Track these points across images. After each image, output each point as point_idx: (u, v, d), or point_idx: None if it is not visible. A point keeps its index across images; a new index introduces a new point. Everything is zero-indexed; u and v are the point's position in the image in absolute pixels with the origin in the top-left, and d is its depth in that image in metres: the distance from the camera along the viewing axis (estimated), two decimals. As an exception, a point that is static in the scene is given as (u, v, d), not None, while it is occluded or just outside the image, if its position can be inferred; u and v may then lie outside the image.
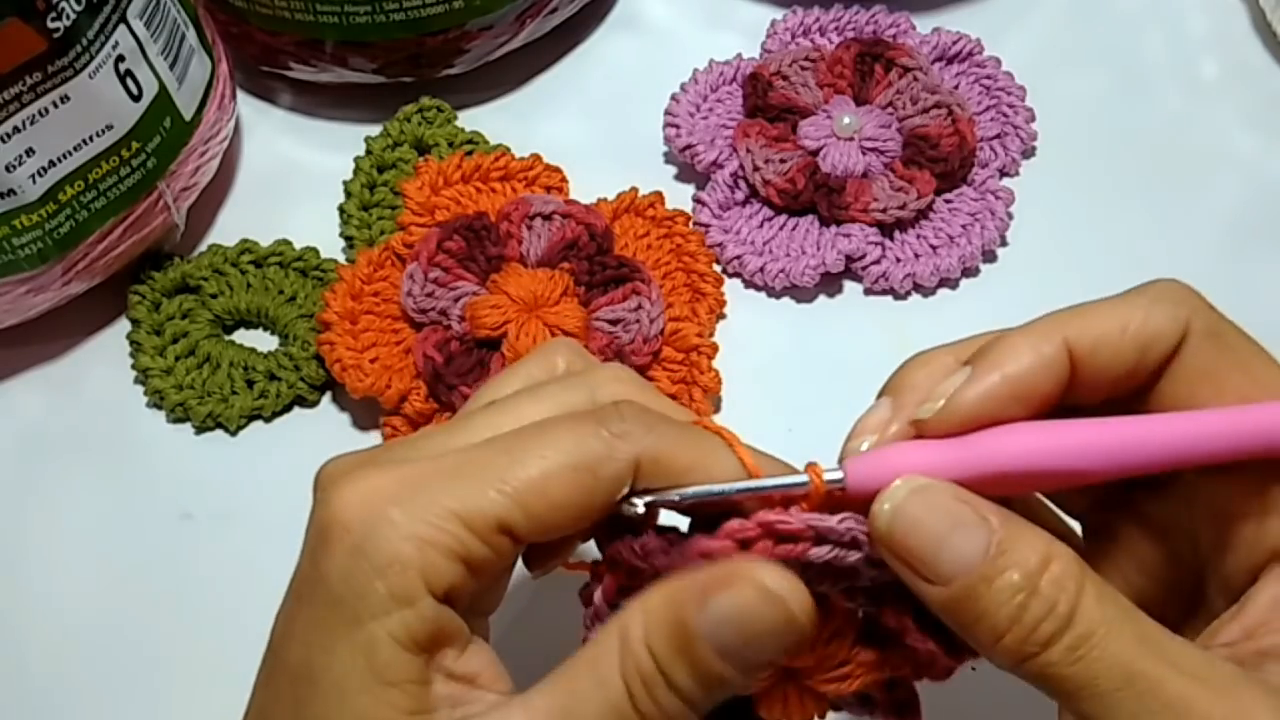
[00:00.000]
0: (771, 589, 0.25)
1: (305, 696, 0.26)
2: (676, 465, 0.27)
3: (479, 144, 0.52)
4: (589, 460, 0.26)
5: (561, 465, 0.26)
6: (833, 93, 0.52)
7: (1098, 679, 0.25)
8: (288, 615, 0.27)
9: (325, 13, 0.50)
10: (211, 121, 0.48)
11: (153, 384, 0.47)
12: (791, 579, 0.25)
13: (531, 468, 0.26)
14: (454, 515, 0.25)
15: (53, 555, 0.44)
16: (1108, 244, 0.51)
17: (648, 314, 0.46)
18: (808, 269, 0.48)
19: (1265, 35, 0.56)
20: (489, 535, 0.26)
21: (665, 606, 0.25)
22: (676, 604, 0.25)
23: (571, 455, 0.26)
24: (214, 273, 0.49)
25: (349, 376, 0.45)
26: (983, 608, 0.25)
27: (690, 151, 0.51)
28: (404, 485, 0.26)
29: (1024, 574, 0.25)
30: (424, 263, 0.46)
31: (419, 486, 0.26)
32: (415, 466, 0.26)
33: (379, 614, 0.25)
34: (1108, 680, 0.25)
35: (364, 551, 0.25)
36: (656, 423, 0.27)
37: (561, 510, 0.26)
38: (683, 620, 0.25)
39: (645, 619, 0.25)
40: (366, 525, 0.25)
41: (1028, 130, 0.52)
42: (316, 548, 0.26)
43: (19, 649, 0.42)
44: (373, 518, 0.25)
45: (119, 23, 0.43)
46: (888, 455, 0.27)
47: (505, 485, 0.26)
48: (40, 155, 0.42)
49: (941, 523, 0.26)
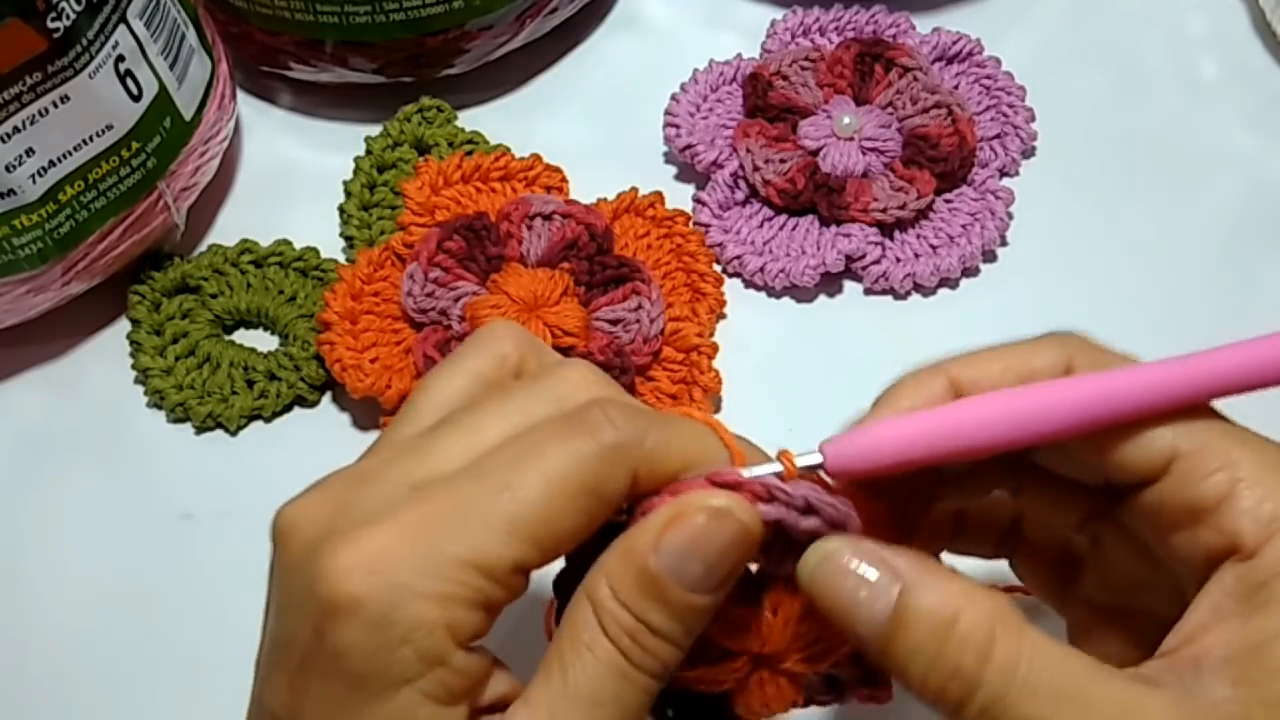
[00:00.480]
0: (715, 506, 0.26)
1: None
2: (671, 468, 0.27)
3: (479, 144, 0.52)
4: (591, 484, 0.26)
5: (566, 494, 0.26)
6: (833, 93, 0.52)
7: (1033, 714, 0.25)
8: (291, 688, 0.26)
9: (325, 13, 0.50)
10: (211, 121, 0.48)
11: (153, 384, 0.47)
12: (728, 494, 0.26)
13: (536, 503, 0.25)
14: (468, 565, 0.25)
15: (53, 555, 0.44)
16: (1108, 244, 0.51)
17: (648, 314, 0.46)
18: (808, 269, 0.48)
19: (1265, 35, 0.56)
20: (506, 578, 0.25)
21: (624, 560, 0.26)
22: (633, 554, 0.26)
23: (572, 481, 0.26)
24: (214, 273, 0.49)
25: (349, 376, 0.45)
26: (897, 667, 0.26)
27: (690, 151, 0.51)
28: (407, 542, 0.25)
29: (928, 632, 0.25)
30: (424, 263, 0.46)
31: (422, 539, 0.25)
32: (410, 516, 0.25)
33: (411, 678, 0.25)
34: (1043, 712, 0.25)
35: (384, 625, 0.24)
36: (645, 424, 0.27)
37: (571, 537, 0.26)
38: (644, 567, 0.26)
39: (609, 579, 0.26)
40: (381, 596, 0.24)
41: (1028, 130, 0.52)
42: (323, 625, 0.25)
43: (19, 648, 0.42)
44: (385, 587, 0.24)
45: (119, 23, 0.43)
46: (861, 436, 0.28)
47: (514, 526, 0.25)
48: (40, 155, 0.42)
49: (848, 586, 0.26)
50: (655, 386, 0.46)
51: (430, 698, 0.25)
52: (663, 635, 0.26)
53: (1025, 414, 0.28)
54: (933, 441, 0.28)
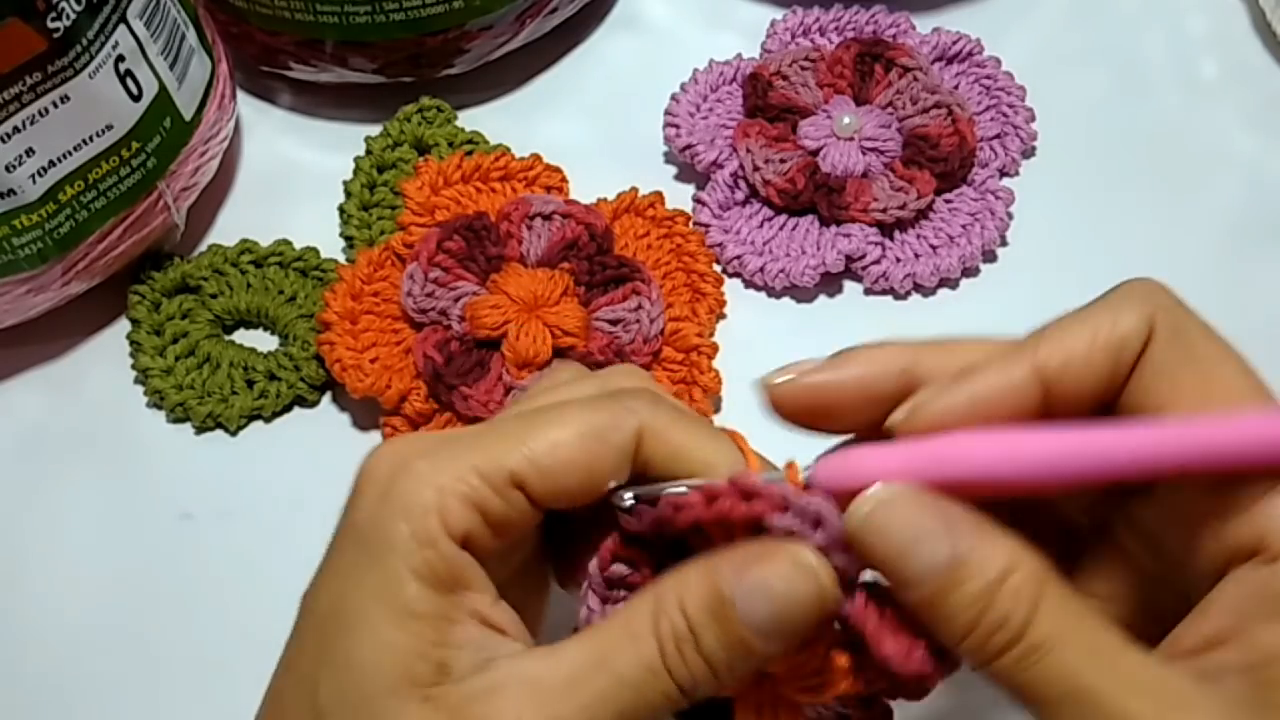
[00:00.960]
0: (804, 563, 0.26)
1: (331, 633, 0.27)
2: (674, 440, 0.28)
3: (479, 144, 0.52)
4: (598, 428, 0.28)
5: (573, 431, 0.28)
6: (833, 93, 0.52)
7: (1046, 688, 0.25)
8: (319, 570, 0.28)
9: (325, 13, 0.50)
10: (211, 121, 0.48)
11: (153, 384, 0.47)
12: (821, 558, 0.26)
13: (546, 431, 0.28)
14: (473, 468, 0.27)
15: (53, 555, 0.44)
16: (1108, 244, 0.51)
17: (648, 314, 0.46)
18: (808, 269, 0.48)
19: (1265, 35, 0.56)
20: (503, 488, 0.27)
21: (702, 574, 0.27)
22: (713, 572, 0.27)
23: (582, 423, 0.28)
24: (214, 273, 0.49)
25: (349, 376, 0.45)
26: (944, 614, 0.26)
27: (690, 151, 0.51)
28: (431, 443, 0.28)
29: (982, 585, 0.26)
30: (424, 263, 0.46)
31: (445, 444, 0.28)
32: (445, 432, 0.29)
33: (403, 552, 0.27)
34: (1054, 690, 0.25)
35: (389, 497, 0.27)
36: (661, 404, 0.29)
37: (571, 471, 0.28)
38: (718, 587, 0.26)
39: (681, 584, 0.27)
40: (394, 475, 0.27)
41: (1028, 130, 0.52)
42: (350, 500, 0.28)
43: (19, 649, 0.42)
44: (400, 469, 0.27)
45: (119, 23, 0.43)
46: (854, 457, 0.28)
47: (521, 444, 0.28)
48: (40, 155, 0.42)
49: (907, 533, 0.26)
50: (655, 386, 0.46)
51: (417, 575, 0.27)
52: (706, 656, 0.26)
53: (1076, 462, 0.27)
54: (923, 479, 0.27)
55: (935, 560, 0.26)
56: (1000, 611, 0.26)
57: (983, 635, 0.26)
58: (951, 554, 0.26)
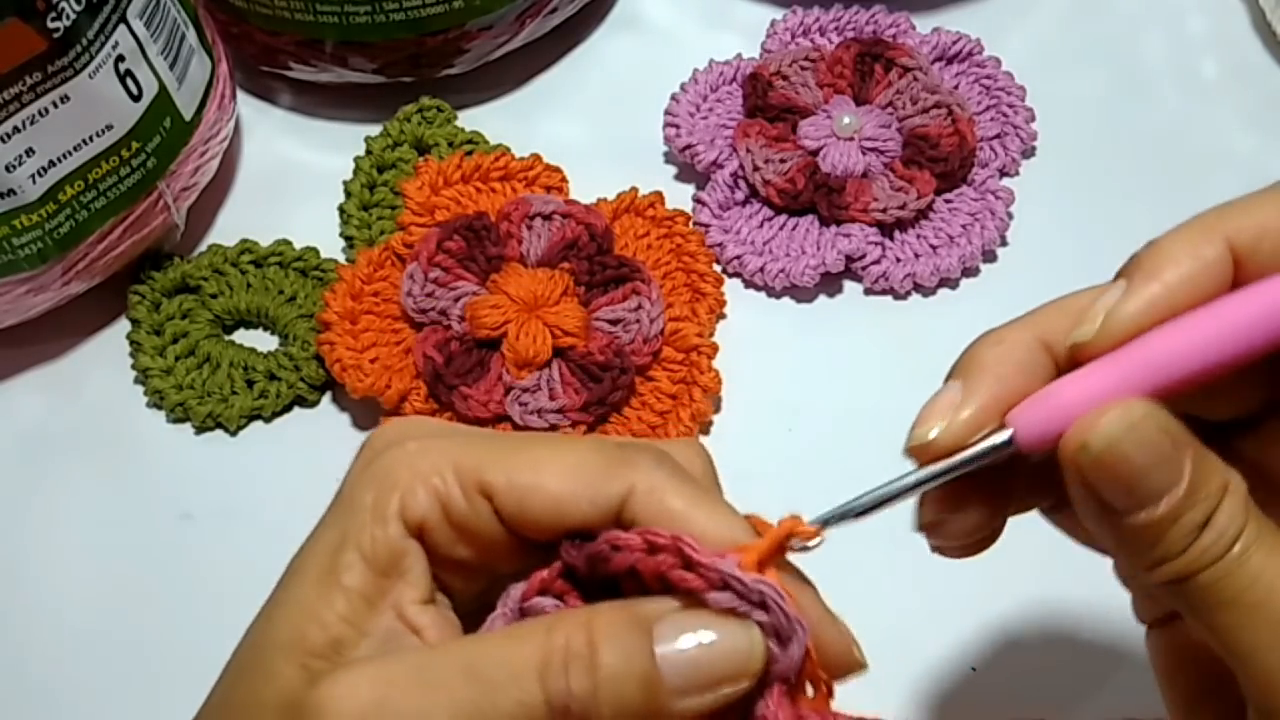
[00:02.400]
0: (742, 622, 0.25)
1: (284, 580, 0.27)
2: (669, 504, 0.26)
3: (479, 144, 0.52)
4: (587, 468, 0.27)
5: (561, 464, 0.27)
6: (833, 93, 0.52)
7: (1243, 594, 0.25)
8: None
9: (325, 13, 0.50)
10: (211, 121, 0.48)
11: (153, 384, 0.47)
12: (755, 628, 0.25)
13: (535, 453, 0.27)
14: (451, 463, 0.27)
15: (53, 555, 0.44)
16: (1108, 244, 0.50)
17: (648, 314, 0.46)
18: (808, 269, 0.48)
19: (1265, 35, 0.56)
20: (471, 492, 0.27)
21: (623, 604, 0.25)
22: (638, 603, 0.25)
23: (574, 460, 0.27)
24: (214, 273, 0.49)
25: (349, 376, 0.45)
26: (1163, 537, 0.26)
27: (690, 151, 0.51)
28: (431, 430, 0.28)
29: (1206, 511, 0.26)
30: (424, 263, 0.46)
31: (441, 436, 0.28)
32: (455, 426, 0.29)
33: (358, 522, 0.27)
34: (1251, 594, 0.25)
35: (370, 467, 0.27)
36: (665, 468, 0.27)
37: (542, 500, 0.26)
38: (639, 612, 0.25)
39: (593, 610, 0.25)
40: (384, 448, 0.27)
41: (1028, 130, 0.52)
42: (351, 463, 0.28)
43: (19, 649, 0.42)
44: (392, 444, 0.27)
45: (119, 23, 0.43)
46: (1057, 394, 0.26)
47: (505, 457, 0.27)
48: (40, 155, 0.42)
49: (1147, 458, 0.25)
50: (655, 386, 0.46)
51: (358, 546, 0.26)
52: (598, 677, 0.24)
53: None
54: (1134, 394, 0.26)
55: (1168, 487, 0.26)
56: (1217, 531, 0.26)
57: (1195, 555, 0.26)
58: (1184, 482, 0.26)
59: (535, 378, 0.45)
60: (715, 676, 0.25)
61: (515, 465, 0.27)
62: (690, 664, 0.24)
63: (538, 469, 0.27)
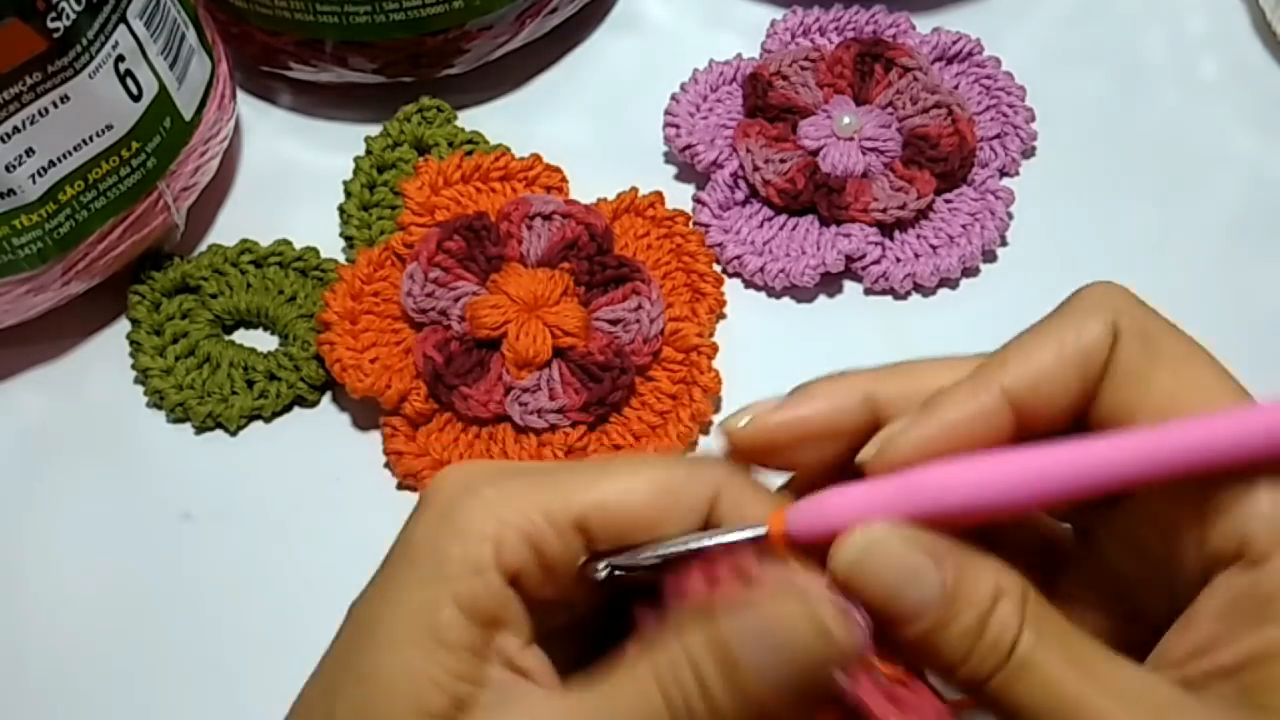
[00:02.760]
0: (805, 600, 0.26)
1: (359, 645, 0.27)
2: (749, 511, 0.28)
3: (479, 144, 0.52)
4: (672, 483, 0.28)
5: (646, 482, 0.27)
6: (833, 93, 0.52)
7: (1033, 703, 0.26)
8: (370, 582, 0.28)
9: (325, 13, 0.50)
10: (211, 121, 0.48)
11: (153, 384, 0.47)
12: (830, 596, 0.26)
13: (619, 478, 0.28)
14: (539, 506, 0.27)
15: (53, 555, 0.44)
16: (1108, 244, 0.51)
17: (648, 314, 0.46)
18: (808, 269, 0.48)
19: (1265, 35, 0.56)
20: (566, 530, 0.27)
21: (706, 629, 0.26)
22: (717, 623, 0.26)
23: (657, 476, 0.28)
24: (214, 273, 0.49)
25: (349, 376, 0.45)
26: (939, 646, 0.26)
27: (690, 151, 0.51)
28: (502, 474, 0.28)
29: (976, 616, 0.26)
30: (424, 263, 0.46)
31: (515, 476, 0.28)
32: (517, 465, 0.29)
33: (450, 577, 0.26)
34: (1041, 704, 0.25)
35: (449, 518, 0.27)
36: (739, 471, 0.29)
37: (638, 522, 0.27)
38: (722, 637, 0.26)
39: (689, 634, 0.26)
40: (459, 497, 0.27)
41: (1028, 130, 0.52)
42: (411, 516, 0.28)
43: (19, 649, 0.42)
44: (466, 492, 0.27)
45: (119, 23, 0.43)
46: (828, 502, 0.27)
47: (592, 488, 0.27)
48: (40, 155, 0.42)
49: (898, 571, 0.26)
50: (655, 386, 0.46)
51: (457, 601, 0.26)
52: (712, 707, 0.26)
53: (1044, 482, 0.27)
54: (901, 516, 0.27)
55: (930, 596, 0.26)
56: (991, 636, 0.26)
57: (975, 661, 0.26)
58: (944, 588, 0.26)
59: (535, 378, 0.45)
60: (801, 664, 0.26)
61: (601, 494, 0.27)
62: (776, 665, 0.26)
63: (625, 492, 0.27)
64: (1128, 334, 0.28)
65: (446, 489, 0.28)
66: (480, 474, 0.28)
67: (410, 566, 0.27)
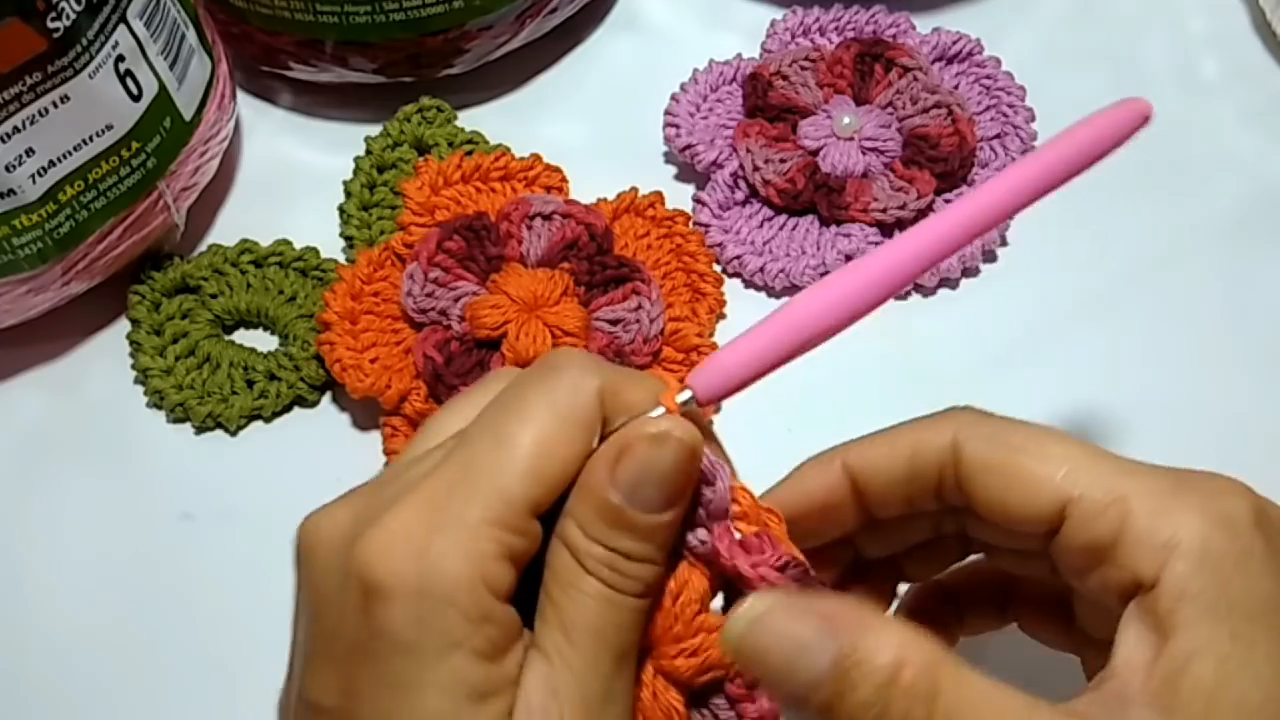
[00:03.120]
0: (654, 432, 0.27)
1: None
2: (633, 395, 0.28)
3: (479, 144, 0.52)
4: (567, 411, 0.27)
5: (549, 428, 0.27)
6: (833, 93, 0.52)
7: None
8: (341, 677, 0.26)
9: (325, 13, 0.50)
10: (211, 121, 0.48)
11: (153, 384, 0.47)
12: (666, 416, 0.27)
13: (528, 445, 0.26)
14: (487, 522, 0.26)
15: (53, 555, 0.44)
16: (1108, 244, 0.51)
17: (648, 314, 0.46)
18: (808, 269, 0.48)
19: (1265, 35, 0.56)
20: (524, 525, 0.26)
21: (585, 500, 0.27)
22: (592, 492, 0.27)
23: (552, 413, 0.27)
24: (214, 273, 0.49)
25: (349, 376, 0.45)
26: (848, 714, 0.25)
27: (690, 151, 0.51)
28: (428, 514, 0.26)
29: (876, 686, 0.25)
30: (424, 263, 0.46)
31: (440, 509, 0.26)
32: (424, 492, 0.26)
33: (461, 639, 0.25)
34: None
35: (426, 593, 0.25)
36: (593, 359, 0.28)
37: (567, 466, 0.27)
38: (604, 501, 0.27)
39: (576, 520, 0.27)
40: (419, 568, 0.25)
41: (1028, 130, 0.52)
42: (369, 607, 0.25)
43: (19, 648, 0.42)
44: (420, 558, 0.25)
45: (119, 23, 0.43)
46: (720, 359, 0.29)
47: (516, 474, 0.26)
48: (40, 155, 0.42)
49: (786, 646, 0.25)
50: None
51: (480, 655, 0.25)
52: (638, 558, 0.27)
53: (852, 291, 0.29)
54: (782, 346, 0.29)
55: (820, 671, 0.25)
56: (897, 712, 0.25)
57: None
58: (836, 658, 0.25)
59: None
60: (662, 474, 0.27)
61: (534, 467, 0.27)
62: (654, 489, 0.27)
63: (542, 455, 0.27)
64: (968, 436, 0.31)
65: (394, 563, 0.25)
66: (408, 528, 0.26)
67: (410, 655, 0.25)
